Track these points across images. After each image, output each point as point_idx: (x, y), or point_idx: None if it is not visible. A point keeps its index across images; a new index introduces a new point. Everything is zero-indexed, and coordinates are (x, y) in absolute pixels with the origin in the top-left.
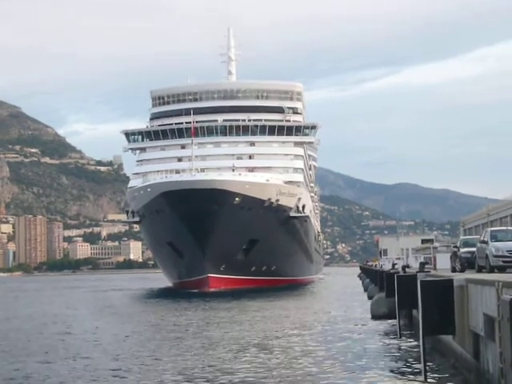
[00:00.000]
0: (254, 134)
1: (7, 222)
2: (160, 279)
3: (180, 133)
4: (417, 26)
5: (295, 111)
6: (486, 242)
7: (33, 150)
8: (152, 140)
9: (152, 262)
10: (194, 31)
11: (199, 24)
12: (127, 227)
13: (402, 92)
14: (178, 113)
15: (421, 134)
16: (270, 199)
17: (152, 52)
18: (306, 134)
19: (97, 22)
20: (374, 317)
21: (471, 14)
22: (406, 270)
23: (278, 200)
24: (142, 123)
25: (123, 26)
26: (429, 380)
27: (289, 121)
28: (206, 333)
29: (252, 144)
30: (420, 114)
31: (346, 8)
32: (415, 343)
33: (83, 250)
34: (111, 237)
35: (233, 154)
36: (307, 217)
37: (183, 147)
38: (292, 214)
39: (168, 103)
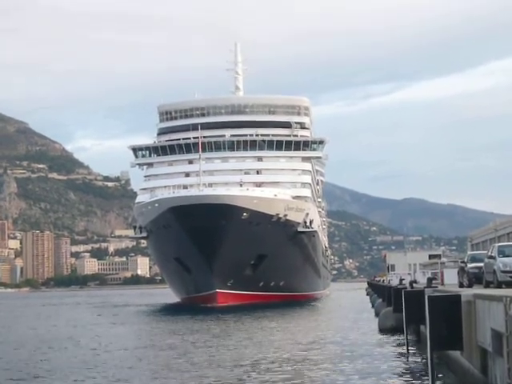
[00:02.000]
0: (261, 148)
1: (15, 238)
2: (168, 294)
3: (187, 148)
4: (424, 41)
5: (303, 126)
6: (494, 258)
7: (40, 166)
8: (159, 155)
9: (159, 278)
10: (198, 46)
11: (202, 38)
12: (134, 243)
13: (409, 107)
14: (186, 128)
15: (428, 149)
16: (278, 214)
17: (158, 68)
18: (314, 149)
19: (102, 37)
20: (382, 331)
21: (479, 28)
22: (414, 285)
23: (286, 215)
24: (149, 138)
25: (127, 41)
26: None
27: (296, 136)
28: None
29: (259, 159)
30: (427, 129)
31: (352, 23)
32: (423, 358)
33: (90, 266)
34: (118, 252)
35: (240, 169)
36: (315, 232)
37: (191, 162)
38: (300, 229)
39: (175, 118)
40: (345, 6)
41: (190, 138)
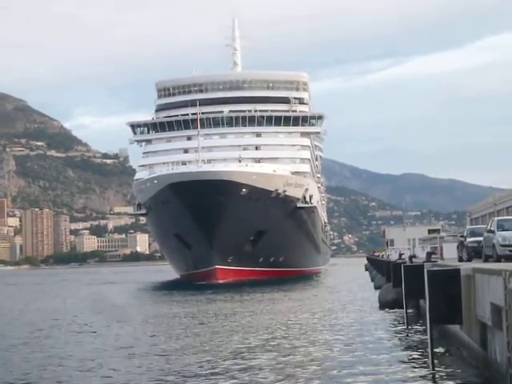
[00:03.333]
0: (260, 124)
1: (14, 216)
2: (167, 271)
3: (186, 124)
4: (422, 17)
5: (301, 101)
6: (493, 232)
7: (39, 144)
8: (158, 132)
9: (159, 254)
10: (198, 23)
11: (202, 15)
12: (134, 220)
13: (407, 82)
14: (184, 104)
15: (427, 124)
16: (277, 190)
17: (156, 45)
18: (313, 125)
19: (98, 16)
20: (382, 306)
21: (478, 5)
22: (413, 260)
23: (285, 191)
24: (147, 116)
25: (125, 19)
26: (436, 369)
27: (295, 111)
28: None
29: (258, 135)
30: (426, 104)
31: (351, 2)
32: (423, 333)
33: (90, 243)
34: (118, 229)
35: (239, 145)
36: (314, 207)
37: (189, 139)
38: (299, 204)
39: (173, 95)
40: None
41: (188, 115)
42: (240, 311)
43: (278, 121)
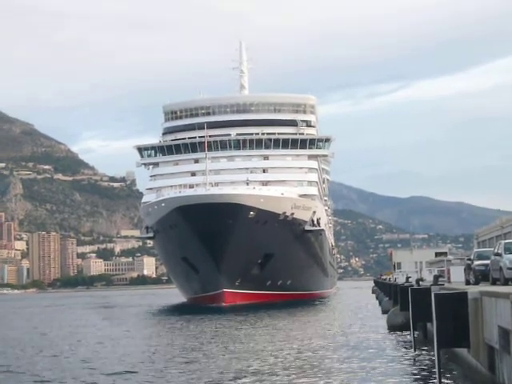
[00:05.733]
0: (267, 147)
1: (21, 239)
2: (174, 295)
3: (193, 147)
4: (425, 41)
5: (309, 124)
6: (500, 255)
7: (46, 167)
8: (165, 155)
9: (166, 278)
10: (204, 47)
11: (209, 40)
12: (140, 243)
13: (414, 105)
14: (191, 127)
15: (433, 147)
16: (285, 213)
17: (163, 69)
18: (320, 147)
19: (105, 38)
20: (391, 329)
21: (482, 29)
22: (420, 283)
23: (293, 213)
24: (155, 139)
25: (134, 43)
26: None
27: (302, 134)
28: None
29: (266, 158)
30: (432, 127)
31: (358, 24)
32: (430, 356)
33: (97, 267)
34: (125, 253)
35: (246, 168)
36: (322, 230)
37: (196, 161)
38: (307, 227)
39: (181, 117)
40: (350, 9)
41: (195, 137)
42: (249, 335)
43: (285, 143)
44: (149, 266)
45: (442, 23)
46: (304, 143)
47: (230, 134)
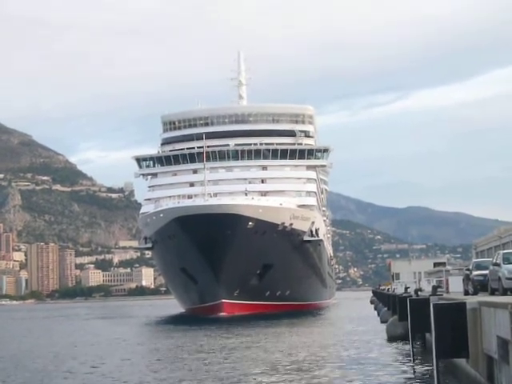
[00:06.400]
0: (265, 157)
1: (19, 250)
2: (172, 305)
3: (192, 158)
4: (423, 51)
5: (307, 134)
6: (499, 265)
7: (44, 178)
8: (163, 165)
9: (164, 289)
10: (202, 58)
11: (207, 50)
12: (139, 254)
13: (412, 116)
14: (190, 138)
15: (431, 157)
16: (283, 223)
17: (161, 80)
18: (319, 158)
19: (104, 51)
20: (390, 339)
21: (482, 39)
22: (419, 293)
23: (291, 224)
24: (153, 149)
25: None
26: None
27: (301, 144)
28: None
29: (264, 168)
30: (430, 138)
31: (357, 36)
32: (429, 367)
33: (95, 277)
34: (123, 263)
35: (245, 179)
36: (321, 241)
37: (195, 172)
38: (306, 237)
39: (179, 128)
40: (350, 20)
41: (194, 148)
42: (247, 346)
43: (283, 154)
44: (147, 276)
45: (441, 34)
46: (302, 153)
47: (228, 145)
